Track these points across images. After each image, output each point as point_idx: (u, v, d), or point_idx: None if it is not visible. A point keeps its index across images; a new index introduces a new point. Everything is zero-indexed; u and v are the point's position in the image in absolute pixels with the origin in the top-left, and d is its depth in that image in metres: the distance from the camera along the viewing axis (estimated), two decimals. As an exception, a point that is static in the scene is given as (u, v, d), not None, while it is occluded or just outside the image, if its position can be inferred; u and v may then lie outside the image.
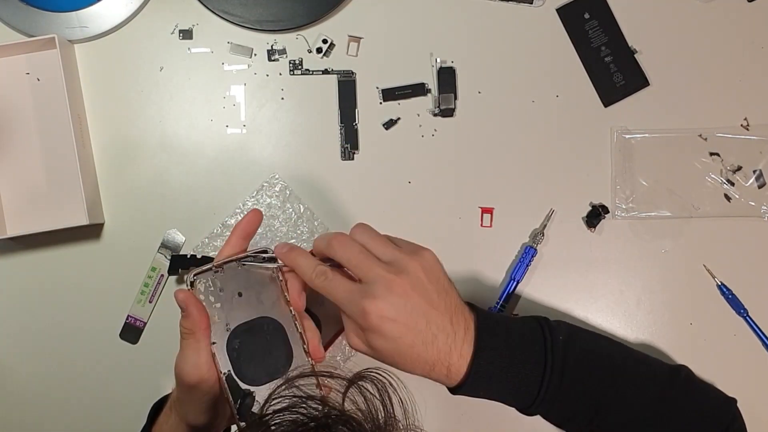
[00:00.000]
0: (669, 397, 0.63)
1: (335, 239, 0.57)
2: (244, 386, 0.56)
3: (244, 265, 0.58)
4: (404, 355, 0.56)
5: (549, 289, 0.75)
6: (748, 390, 0.74)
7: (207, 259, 0.72)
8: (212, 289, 0.57)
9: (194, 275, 0.57)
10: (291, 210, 0.75)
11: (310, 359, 0.57)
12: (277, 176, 0.75)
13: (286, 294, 0.57)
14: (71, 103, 0.71)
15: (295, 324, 0.57)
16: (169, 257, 0.74)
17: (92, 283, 0.75)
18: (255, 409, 0.57)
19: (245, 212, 0.65)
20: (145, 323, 0.75)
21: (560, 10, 0.75)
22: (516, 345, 0.59)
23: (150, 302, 0.75)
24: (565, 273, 0.75)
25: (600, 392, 0.62)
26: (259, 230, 0.66)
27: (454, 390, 0.59)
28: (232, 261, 0.57)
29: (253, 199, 0.75)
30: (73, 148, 0.70)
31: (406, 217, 0.75)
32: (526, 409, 0.61)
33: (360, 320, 0.55)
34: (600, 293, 0.75)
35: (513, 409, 0.62)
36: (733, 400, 0.67)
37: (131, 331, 0.75)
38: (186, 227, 0.75)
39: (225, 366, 0.56)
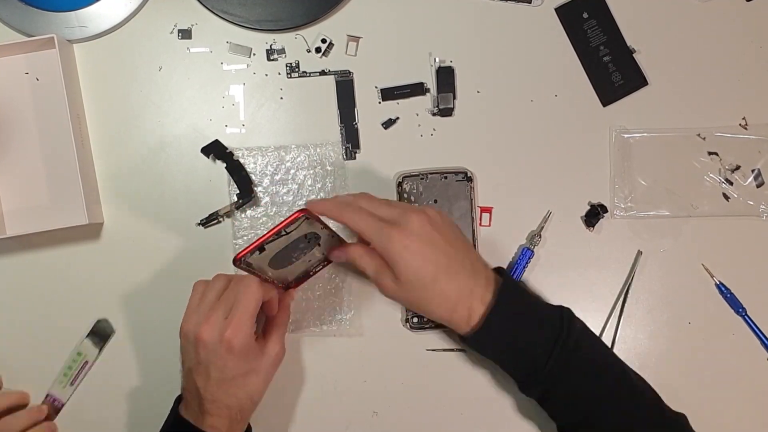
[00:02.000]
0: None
1: (359, 197, 0.65)
2: None
3: (445, 178, 0.72)
4: (429, 289, 0.61)
5: (548, 288, 0.75)
6: (746, 389, 0.75)
7: (231, 154, 0.75)
8: (415, 191, 0.72)
9: (403, 177, 0.72)
10: (331, 182, 0.75)
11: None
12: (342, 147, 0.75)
13: (473, 210, 0.72)
14: (70, 102, 0.71)
15: (474, 237, 0.72)
16: (99, 345, 0.74)
17: (91, 283, 0.75)
18: None
19: (300, 153, 0.75)
20: (63, 404, 0.74)
21: (559, 10, 0.75)
22: (534, 311, 0.64)
23: (71, 385, 0.74)
24: (564, 272, 0.75)
25: (597, 396, 0.64)
26: (299, 178, 0.75)
27: (468, 338, 0.64)
28: (436, 174, 0.72)
29: (313, 150, 0.75)
30: (72, 148, 0.71)
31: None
32: (530, 378, 0.64)
33: (387, 248, 0.61)
34: (599, 292, 0.75)
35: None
36: None
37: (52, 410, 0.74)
38: (185, 226, 0.75)
39: None
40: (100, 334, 0.74)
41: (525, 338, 0.63)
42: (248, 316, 0.64)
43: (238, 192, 0.74)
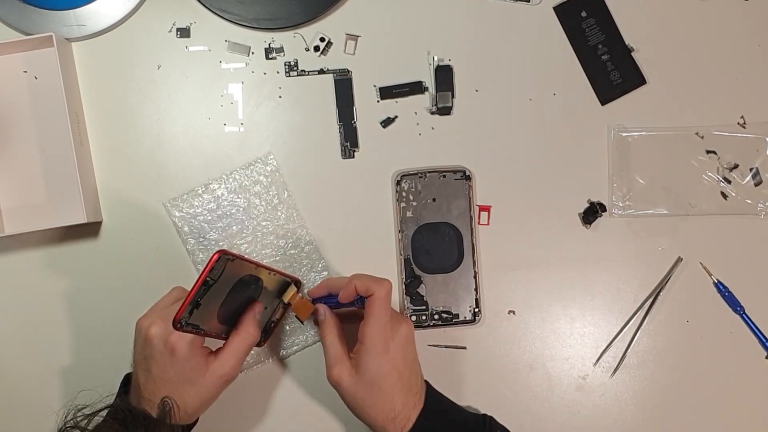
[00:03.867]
0: None
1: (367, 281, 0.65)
2: (417, 271, 0.73)
3: (444, 177, 0.72)
4: (381, 396, 0.63)
5: (546, 287, 0.75)
6: (744, 387, 0.75)
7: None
8: (413, 190, 0.72)
9: (401, 175, 0.73)
10: (275, 193, 0.75)
11: (475, 268, 0.73)
12: (272, 156, 0.75)
13: (471, 209, 0.72)
14: (69, 101, 0.71)
15: (472, 236, 0.72)
16: None
17: (90, 281, 0.75)
18: (419, 290, 0.73)
19: (232, 180, 0.75)
20: None
21: (557, 9, 0.75)
22: (456, 423, 0.66)
23: None
24: (562, 271, 0.75)
25: None
26: (241, 204, 0.74)
27: None
28: (435, 172, 0.71)
29: (243, 172, 0.75)
30: (71, 147, 0.70)
31: (403, 215, 0.75)
32: None
33: (379, 343, 0.62)
34: (597, 290, 0.75)
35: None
36: None
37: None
38: (184, 225, 0.75)
39: (407, 252, 0.73)
40: None
41: None
42: None
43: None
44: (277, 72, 0.76)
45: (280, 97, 0.76)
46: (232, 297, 0.62)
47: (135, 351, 0.66)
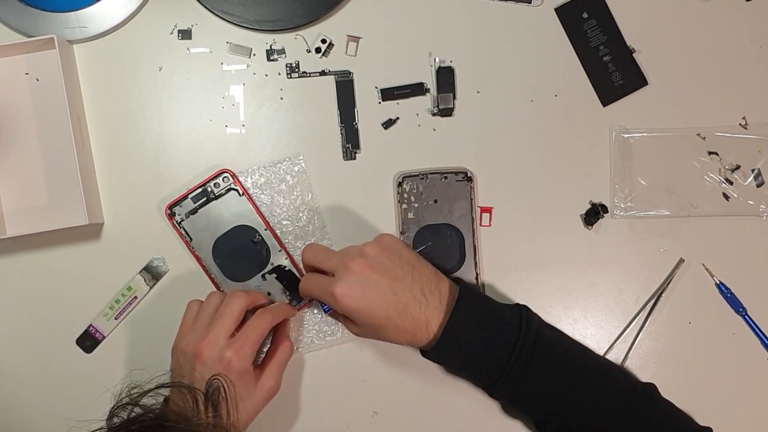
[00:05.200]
0: (635, 409, 0.65)
1: (304, 253, 0.68)
2: None
3: (445, 178, 0.72)
4: (384, 328, 0.62)
5: (548, 288, 0.75)
6: (746, 388, 0.75)
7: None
8: (414, 191, 0.72)
9: (403, 177, 0.73)
10: (299, 194, 0.75)
11: (476, 270, 0.73)
12: (301, 157, 0.75)
13: (473, 210, 0.72)
14: (70, 103, 0.71)
15: (474, 237, 0.72)
16: (150, 283, 0.74)
17: (91, 283, 0.75)
18: None
19: (259, 175, 0.75)
20: (104, 337, 0.75)
21: (559, 10, 0.75)
22: (491, 314, 0.64)
23: (116, 319, 0.74)
24: (564, 272, 0.75)
25: (566, 384, 0.64)
26: (265, 200, 0.75)
27: (429, 351, 0.64)
28: (436, 174, 0.72)
29: (271, 169, 0.75)
30: (73, 149, 0.71)
31: (405, 216, 0.75)
32: (496, 381, 0.64)
33: (335, 306, 0.63)
34: (599, 292, 0.75)
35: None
36: (707, 429, 0.66)
37: (88, 340, 0.75)
38: (185, 227, 0.75)
39: None
40: (154, 272, 0.74)
41: (485, 341, 0.63)
42: (254, 340, 0.64)
43: (288, 294, 0.74)
44: (279, 74, 0.76)
45: (281, 98, 0.76)
46: (234, 240, 0.70)
47: (177, 376, 0.66)
